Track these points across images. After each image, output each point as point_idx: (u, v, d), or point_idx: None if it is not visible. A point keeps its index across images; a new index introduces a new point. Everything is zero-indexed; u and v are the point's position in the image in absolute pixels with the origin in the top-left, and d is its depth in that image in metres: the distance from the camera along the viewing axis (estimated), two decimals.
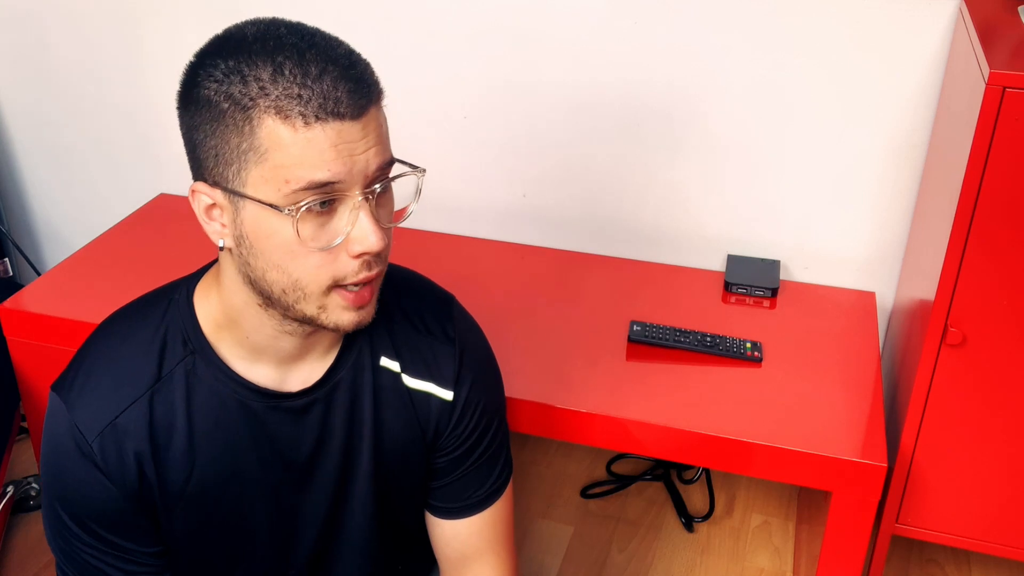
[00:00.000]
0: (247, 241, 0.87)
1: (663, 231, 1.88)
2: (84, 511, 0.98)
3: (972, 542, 1.49)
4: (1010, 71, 1.19)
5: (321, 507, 1.07)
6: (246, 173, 0.84)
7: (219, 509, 1.02)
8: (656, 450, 1.46)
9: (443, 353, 1.06)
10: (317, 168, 0.82)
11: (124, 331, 0.99)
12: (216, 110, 0.83)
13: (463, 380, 1.07)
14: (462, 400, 1.07)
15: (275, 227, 0.85)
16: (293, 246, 0.85)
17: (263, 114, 0.81)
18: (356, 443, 1.05)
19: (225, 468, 1.00)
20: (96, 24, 2.03)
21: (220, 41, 0.86)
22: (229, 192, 0.86)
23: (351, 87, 0.82)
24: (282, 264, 0.87)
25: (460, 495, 1.12)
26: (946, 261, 1.31)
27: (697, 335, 1.59)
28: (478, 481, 1.12)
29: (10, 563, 1.81)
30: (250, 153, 0.83)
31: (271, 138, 0.82)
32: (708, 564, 1.82)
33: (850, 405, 1.47)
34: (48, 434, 0.98)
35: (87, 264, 1.84)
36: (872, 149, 1.69)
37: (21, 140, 2.25)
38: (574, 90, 1.80)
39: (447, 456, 1.10)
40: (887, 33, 1.60)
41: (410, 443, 1.07)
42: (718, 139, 1.76)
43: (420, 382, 1.05)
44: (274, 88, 0.81)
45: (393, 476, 1.08)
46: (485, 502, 1.12)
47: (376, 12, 1.84)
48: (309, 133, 0.81)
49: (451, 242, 1.95)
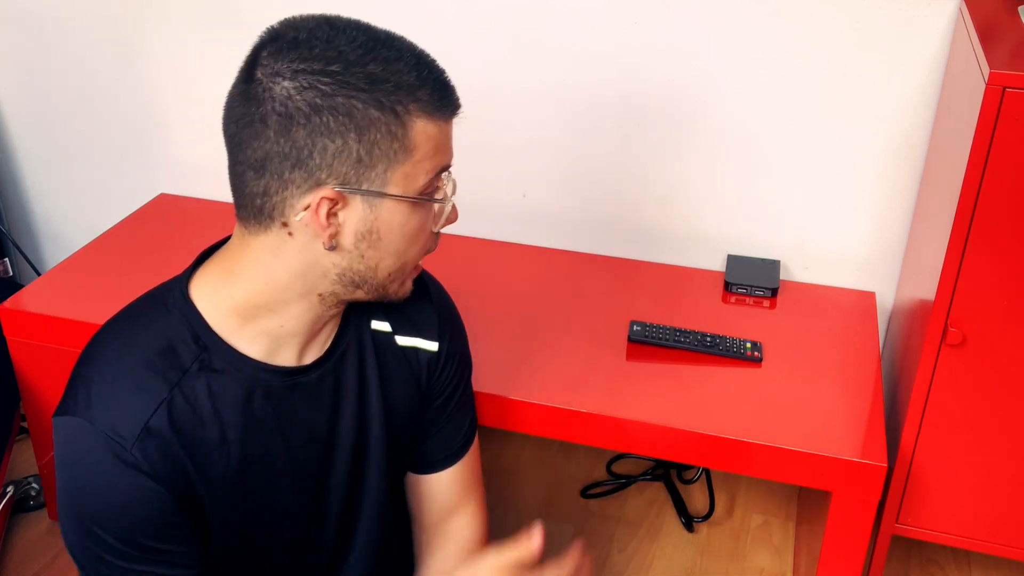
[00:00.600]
0: (374, 236, 0.93)
1: (663, 231, 1.88)
2: (133, 525, 0.94)
3: (972, 542, 1.49)
4: (1010, 71, 1.19)
5: (343, 478, 1.09)
6: (391, 172, 0.90)
7: (253, 495, 1.03)
8: (656, 450, 1.46)
9: (425, 309, 1.13)
10: (447, 154, 0.96)
11: (124, 341, 0.98)
12: (365, 118, 0.88)
13: (443, 331, 1.15)
14: (444, 349, 1.14)
15: (407, 217, 0.93)
16: (418, 232, 0.96)
17: (414, 117, 0.90)
18: (367, 408, 1.08)
19: (255, 453, 1.01)
20: (96, 24, 2.03)
21: (320, 51, 0.88)
22: (367, 193, 0.90)
23: (450, 87, 0.95)
24: (401, 251, 0.96)
25: (444, 445, 1.19)
26: (946, 261, 1.31)
27: (697, 335, 1.59)
28: (457, 429, 1.20)
29: (10, 563, 1.81)
30: (400, 153, 0.90)
31: (421, 136, 0.91)
32: (708, 564, 1.82)
33: (850, 405, 1.47)
34: (72, 459, 0.94)
35: (87, 264, 1.83)
36: (872, 149, 1.69)
37: (21, 140, 2.25)
38: (575, 90, 1.80)
39: (432, 405, 1.16)
40: (887, 33, 1.60)
41: (412, 400, 1.13)
42: (718, 139, 1.76)
43: (409, 339, 1.12)
44: (422, 91, 0.90)
45: (401, 435, 1.13)
46: (463, 449, 1.20)
47: (376, 12, 1.84)
48: (448, 126, 0.95)
49: (451, 242, 1.95)
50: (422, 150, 0.91)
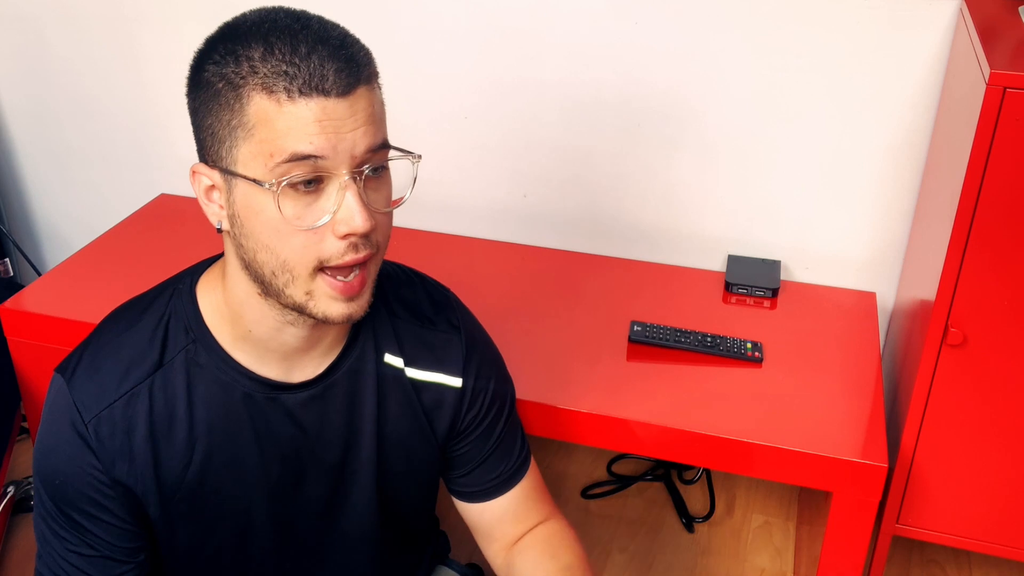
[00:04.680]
0: (239, 220, 0.89)
1: (664, 231, 1.88)
2: (66, 493, 0.98)
3: (973, 542, 1.49)
4: (1010, 71, 1.18)
5: (319, 501, 1.07)
6: (237, 150, 0.86)
7: (218, 500, 1.03)
8: (656, 450, 1.46)
9: (450, 343, 1.09)
10: (300, 141, 0.84)
11: (130, 319, 1.00)
12: (212, 90, 0.86)
13: (470, 367, 1.10)
14: (471, 386, 1.10)
15: (262, 204, 0.87)
16: (279, 224, 0.87)
17: (252, 91, 0.84)
18: (357, 437, 1.05)
19: (225, 458, 1.01)
20: (96, 24, 2.03)
21: (224, 28, 0.89)
22: (223, 171, 0.88)
23: (339, 66, 0.84)
24: (270, 244, 0.88)
25: (487, 476, 1.15)
26: (947, 261, 1.31)
27: (697, 335, 1.59)
28: (502, 458, 1.15)
29: (10, 563, 1.81)
30: (239, 130, 0.85)
31: (258, 114, 0.84)
32: (709, 565, 1.82)
33: (851, 405, 1.47)
34: (46, 413, 0.99)
35: (87, 264, 1.83)
36: (873, 149, 1.69)
37: (21, 140, 2.25)
38: (575, 90, 1.80)
39: (467, 441, 1.13)
40: (887, 33, 1.59)
41: (414, 435, 1.09)
42: (719, 139, 1.76)
43: (427, 373, 1.08)
44: (263, 66, 0.83)
45: (397, 470, 1.09)
46: (515, 476, 1.16)
47: (377, 13, 1.84)
48: (294, 107, 0.83)
49: (451, 242, 1.95)
50: (261, 130, 0.84)
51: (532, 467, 1.19)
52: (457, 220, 1.98)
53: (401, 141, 0.96)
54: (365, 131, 0.86)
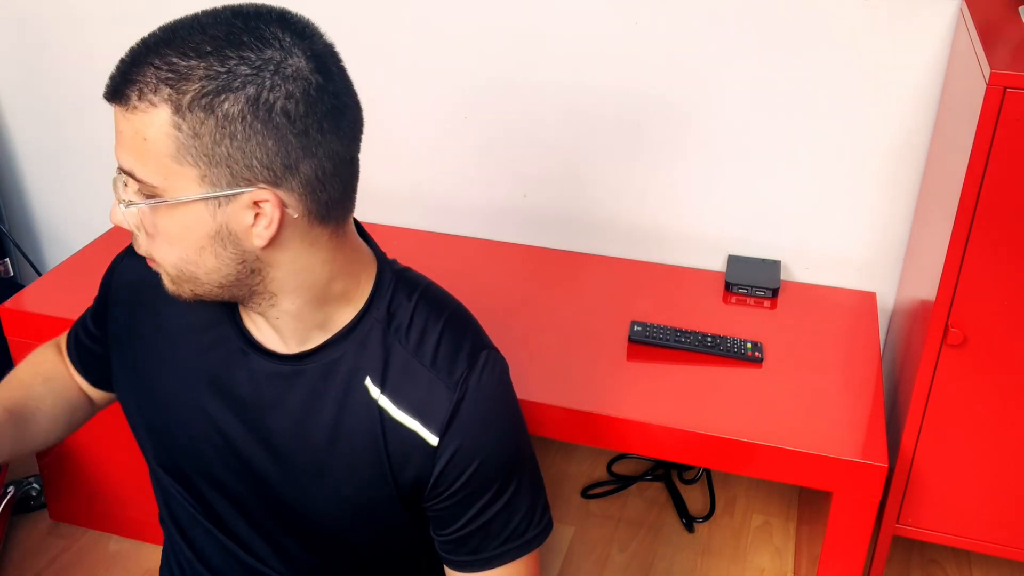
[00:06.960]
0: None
1: (663, 231, 1.88)
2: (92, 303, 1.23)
3: (973, 542, 1.49)
4: (1011, 71, 1.18)
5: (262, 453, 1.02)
6: None
7: (154, 387, 1.06)
8: (656, 450, 1.46)
9: (438, 393, 0.96)
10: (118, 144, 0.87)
11: None
12: None
13: (455, 429, 0.96)
14: (450, 450, 0.96)
15: None
16: None
17: None
18: (309, 431, 1.00)
19: (188, 368, 1.03)
20: (96, 24, 2.03)
21: None
22: None
23: (115, 75, 0.84)
24: None
25: (461, 549, 1.03)
26: (947, 261, 1.31)
27: (698, 335, 1.59)
28: (485, 537, 1.02)
29: (10, 563, 1.80)
30: None
31: None
32: (709, 564, 1.82)
33: (851, 405, 1.47)
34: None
35: (87, 264, 1.83)
36: (873, 149, 1.69)
37: (21, 140, 2.25)
38: (575, 90, 1.80)
39: (441, 504, 1.01)
40: (887, 33, 1.59)
41: (368, 466, 1.00)
42: (718, 139, 1.76)
43: (404, 416, 0.97)
44: None
45: (343, 493, 1.02)
46: (491, 562, 1.03)
47: (377, 13, 1.84)
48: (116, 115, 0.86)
49: (452, 242, 1.95)
50: None
51: (523, 561, 1.04)
52: (457, 220, 1.98)
53: (401, 141, 0.94)
54: (119, 149, 0.86)
